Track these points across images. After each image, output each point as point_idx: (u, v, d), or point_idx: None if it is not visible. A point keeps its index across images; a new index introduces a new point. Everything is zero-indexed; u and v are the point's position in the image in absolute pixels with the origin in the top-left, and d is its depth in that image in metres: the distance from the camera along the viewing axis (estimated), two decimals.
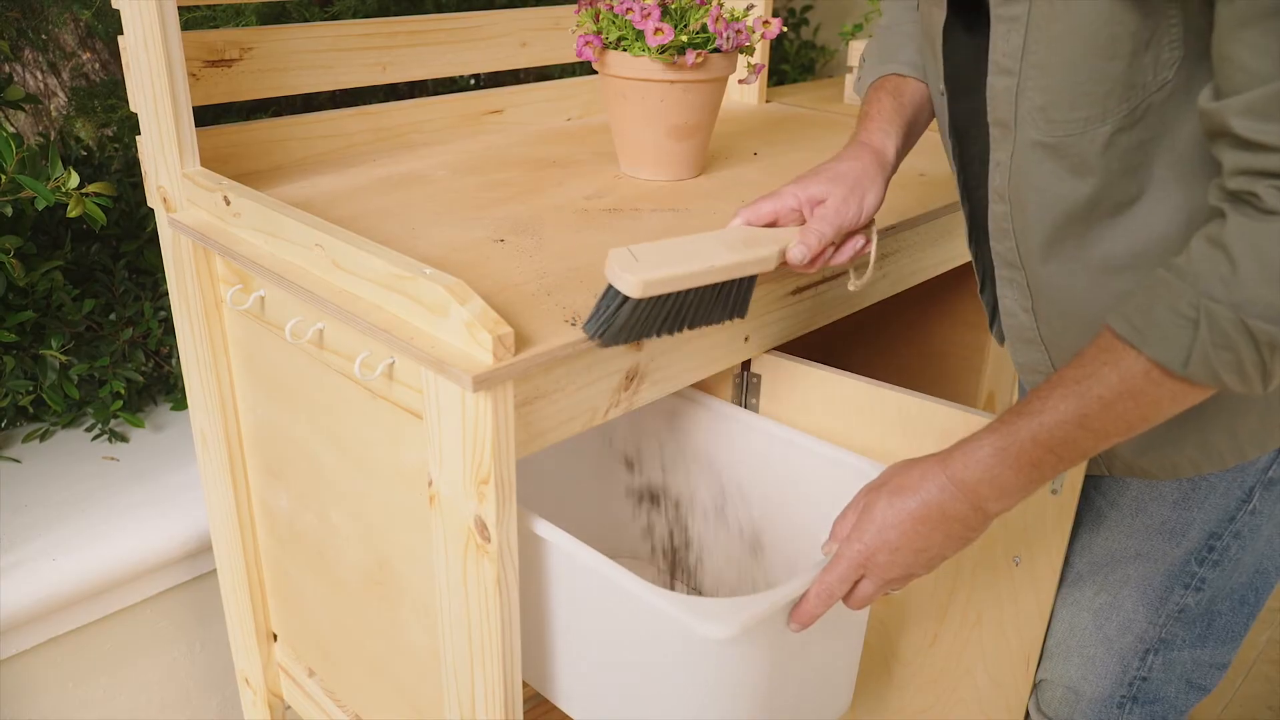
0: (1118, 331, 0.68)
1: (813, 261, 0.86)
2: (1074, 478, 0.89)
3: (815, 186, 0.85)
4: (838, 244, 0.87)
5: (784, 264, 0.86)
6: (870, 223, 0.89)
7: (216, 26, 1.53)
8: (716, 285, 0.84)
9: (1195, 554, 0.88)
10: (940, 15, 0.86)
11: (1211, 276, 0.63)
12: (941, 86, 0.89)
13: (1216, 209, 0.65)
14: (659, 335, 0.85)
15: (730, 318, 0.89)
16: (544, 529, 0.89)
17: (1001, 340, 0.98)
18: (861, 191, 0.86)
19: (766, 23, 1.21)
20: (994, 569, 0.97)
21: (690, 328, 0.86)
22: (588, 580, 0.88)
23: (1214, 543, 0.88)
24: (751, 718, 0.86)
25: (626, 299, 0.79)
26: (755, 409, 1.10)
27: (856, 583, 0.81)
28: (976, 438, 0.75)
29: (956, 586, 1.01)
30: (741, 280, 0.86)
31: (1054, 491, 0.90)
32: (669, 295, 0.81)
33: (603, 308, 0.81)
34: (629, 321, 0.80)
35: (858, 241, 0.88)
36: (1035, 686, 1.00)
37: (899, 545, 0.78)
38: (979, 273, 0.97)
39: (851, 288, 0.93)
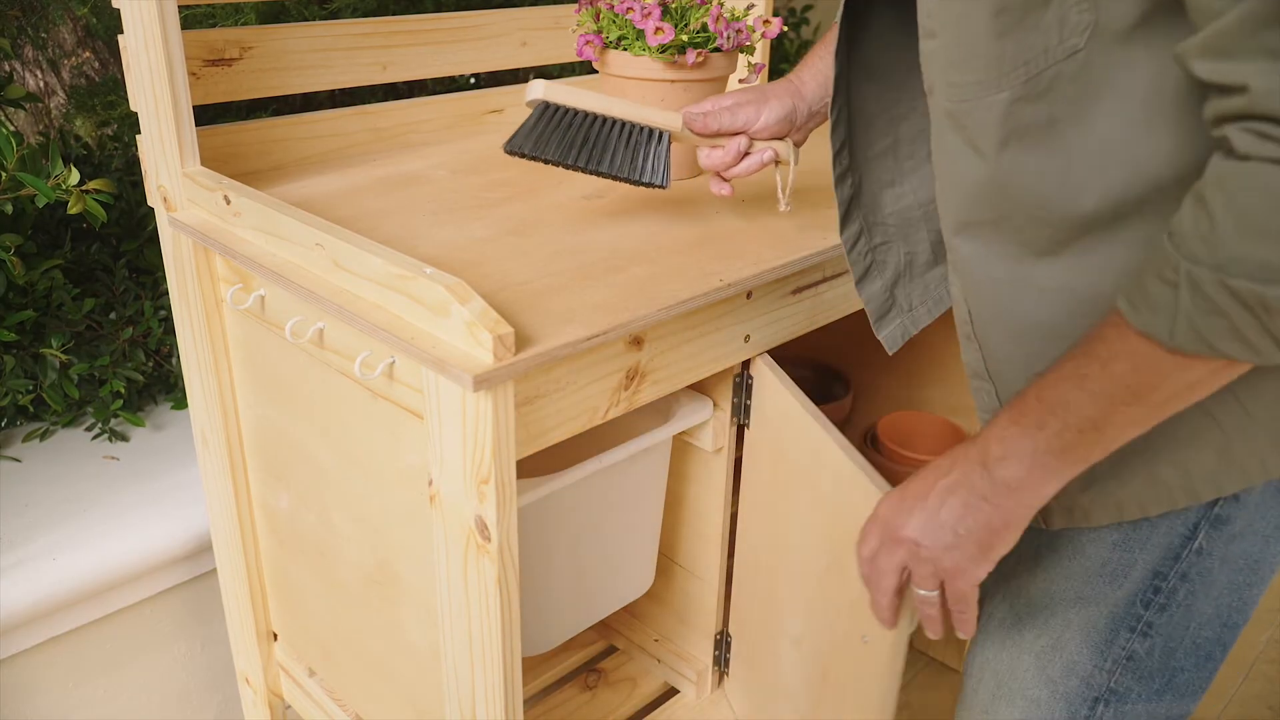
0: (1119, 306, 0.64)
1: (713, 136, 1.00)
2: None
3: (741, 95, 1.01)
4: (746, 150, 1.01)
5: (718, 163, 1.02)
6: (782, 138, 1.02)
7: (216, 25, 1.53)
8: (624, 136, 1.00)
9: (1140, 596, 0.82)
10: None
11: (1193, 236, 0.58)
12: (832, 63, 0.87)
13: None
14: (566, 163, 0.98)
15: (644, 179, 1.00)
16: None
17: (892, 348, 0.95)
18: (763, 102, 1.00)
19: (767, 22, 1.21)
20: (847, 648, 0.99)
21: (598, 169, 0.99)
22: None
23: (1159, 584, 0.81)
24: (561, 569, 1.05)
25: (534, 105, 0.98)
26: (753, 409, 1.10)
27: (908, 572, 0.77)
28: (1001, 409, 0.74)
29: (829, 666, 1.03)
30: (654, 144, 1.01)
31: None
32: (574, 123, 0.98)
33: (522, 125, 0.98)
34: (535, 127, 0.97)
35: (766, 153, 1.01)
36: None
37: (913, 507, 0.75)
38: (860, 266, 0.93)
39: (781, 209, 1.07)
